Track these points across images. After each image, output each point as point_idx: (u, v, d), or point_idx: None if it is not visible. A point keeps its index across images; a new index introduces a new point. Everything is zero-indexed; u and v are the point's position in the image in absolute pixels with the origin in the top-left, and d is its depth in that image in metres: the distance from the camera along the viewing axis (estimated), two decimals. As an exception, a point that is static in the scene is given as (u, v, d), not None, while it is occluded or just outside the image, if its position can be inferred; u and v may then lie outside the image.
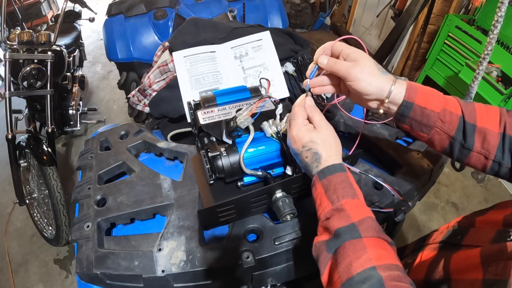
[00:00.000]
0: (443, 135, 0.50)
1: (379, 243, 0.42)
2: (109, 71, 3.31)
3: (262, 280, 0.65)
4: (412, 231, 1.85)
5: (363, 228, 0.42)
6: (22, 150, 1.60)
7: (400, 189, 0.72)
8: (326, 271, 0.42)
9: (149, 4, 1.52)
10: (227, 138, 0.66)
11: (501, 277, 0.35)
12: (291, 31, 1.18)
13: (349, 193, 0.46)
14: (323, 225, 0.46)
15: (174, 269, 0.59)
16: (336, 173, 0.48)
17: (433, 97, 0.50)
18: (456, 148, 0.51)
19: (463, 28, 2.14)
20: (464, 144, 0.50)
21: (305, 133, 0.52)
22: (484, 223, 0.48)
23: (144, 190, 0.72)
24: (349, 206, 0.45)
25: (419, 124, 0.51)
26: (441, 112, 0.49)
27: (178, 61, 0.94)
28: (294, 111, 0.56)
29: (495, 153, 0.48)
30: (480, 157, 0.50)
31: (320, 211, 0.47)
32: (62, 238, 1.63)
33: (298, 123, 0.54)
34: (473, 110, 0.50)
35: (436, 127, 0.50)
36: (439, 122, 0.49)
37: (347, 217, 0.43)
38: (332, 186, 0.47)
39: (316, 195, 0.49)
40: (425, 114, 0.49)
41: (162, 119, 1.00)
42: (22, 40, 1.50)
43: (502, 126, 0.48)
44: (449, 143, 0.51)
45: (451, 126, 0.49)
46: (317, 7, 3.80)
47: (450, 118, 0.49)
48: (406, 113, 0.50)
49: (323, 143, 0.51)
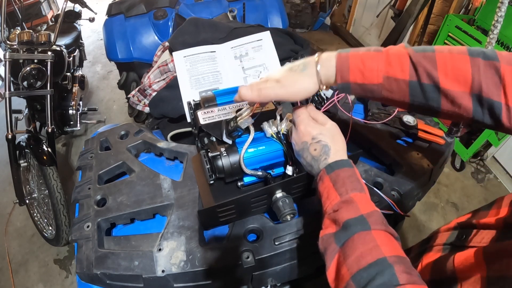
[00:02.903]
0: (399, 102, 0.45)
1: (387, 237, 0.41)
2: (109, 71, 3.31)
3: (262, 280, 0.65)
4: (412, 231, 1.85)
5: (372, 220, 0.42)
6: (22, 150, 1.60)
7: (400, 189, 0.72)
8: (333, 265, 0.42)
9: (149, 4, 1.52)
10: (227, 138, 0.66)
11: (505, 273, 0.35)
12: (291, 31, 1.18)
13: (358, 187, 0.46)
14: (331, 217, 0.45)
15: (174, 269, 0.59)
16: (344, 168, 0.48)
17: (370, 68, 0.44)
18: (419, 110, 0.45)
19: (463, 28, 2.13)
20: (429, 105, 0.43)
21: (314, 126, 0.52)
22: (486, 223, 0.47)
23: (144, 190, 0.72)
24: (358, 198, 0.44)
25: (368, 96, 0.47)
26: (384, 82, 0.43)
27: (178, 61, 0.94)
28: (296, 112, 0.56)
29: (473, 113, 0.41)
30: (454, 114, 0.43)
31: (327, 204, 0.47)
32: (62, 238, 1.63)
33: (304, 118, 0.54)
34: (434, 67, 0.41)
35: (388, 98, 0.45)
36: (386, 92, 0.44)
37: (357, 209, 0.43)
38: (341, 179, 0.47)
39: (323, 188, 0.48)
40: (367, 89, 0.45)
41: (162, 119, 1.00)
42: (22, 40, 1.50)
43: (477, 87, 0.40)
44: (408, 106, 0.45)
45: (402, 94, 0.43)
46: (317, 7, 3.80)
47: (397, 86, 0.43)
48: (348, 91, 0.47)
49: (332, 137, 0.51)
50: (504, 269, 0.36)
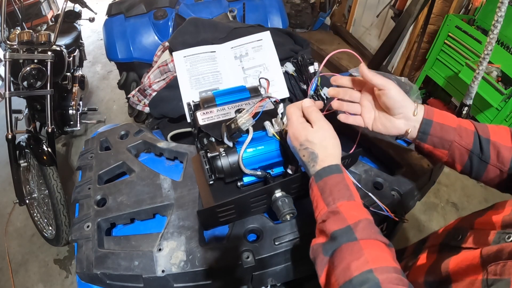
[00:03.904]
0: (462, 149, 0.54)
1: (376, 245, 0.41)
2: (109, 71, 3.31)
3: (262, 280, 0.65)
4: (412, 231, 1.85)
5: (359, 230, 0.42)
6: (22, 150, 1.60)
7: (400, 189, 0.72)
8: (324, 274, 0.42)
9: (149, 4, 1.52)
10: (229, 141, 0.66)
11: (501, 276, 0.35)
12: (291, 31, 1.18)
13: (345, 195, 0.46)
14: (320, 227, 0.46)
15: (174, 269, 0.59)
16: (332, 175, 0.48)
17: (448, 115, 0.55)
18: (474, 162, 0.54)
19: (463, 28, 2.13)
20: (481, 157, 0.53)
21: (302, 131, 0.52)
22: (483, 225, 0.48)
23: (144, 190, 0.72)
24: (344, 208, 0.44)
25: (440, 139, 0.54)
26: (457, 128, 0.53)
27: (178, 61, 0.94)
28: (288, 111, 0.56)
29: (510, 166, 0.51)
30: (496, 170, 0.53)
31: (317, 213, 0.47)
32: (62, 238, 1.64)
33: (293, 121, 0.54)
34: (485, 127, 0.54)
35: (455, 141, 0.53)
36: (457, 137, 0.53)
37: (343, 220, 0.43)
38: (328, 188, 0.47)
39: (313, 197, 0.49)
40: (444, 129, 0.53)
41: (162, 119, 1.00)
42: (22, 40, 1.50)
43: None
44: (468, 157, 0.54)
45: (468, 140, 0.53)
46: (317, 7, 3.80)
47: (466, 133, 0.53)
48: (427, 130, 0.54)
49: (319, 143, 0.51)
50: (500, 272, 0.36)
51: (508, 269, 0.35)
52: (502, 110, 1.99)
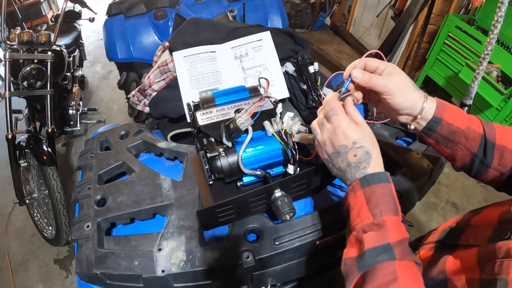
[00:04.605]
0: (465, 151, 0.52)
1: (410, 266, 0.40)
2: (109, 71, 3.31)
3: (262, 280, 0.65)
4: (412, 231, 1.85)
5: (398, 250, 0.40)
6: (22, 150, 1.60)
7: (400, 189, 0.72)
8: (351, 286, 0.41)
9: (149, 4, 1.52)
10: (227, 141, 0.66)
11: (498, 275, 0.35)
12: (291, 31, 1.18)
13: (392, 209, 0.44)
14: (359, 237, 0.43)
15: (174, 269, 0.59)
16: (381, 184, 0.45)
17: (459, 115, 0.52)
18: (476, 164, 0.52)
19: (463, 28, 2.14)
20: (483, 161, 0.51)
21: (356, 129, 0.48)
22: (480, 222, 0.48)
23: (144, 190, 0.72)
24: (390, 223, 0.42)
25: (445, 139, 0.52)
26: (466, 130, 0.51)
27: (178, 61, 0.94)
28: (332, 105, 0.50)
29: (510, 168, 0.50)
30: (496, 173, 0.52)
31: (357, 222, 0.44)
32: (62, 238, 1.64)
33: (344, 117, 0.49)
34: (493, 129, 0.52)
35: (460, 144, 0.52)
36: (463, 139, 0.51)
37: (385, 236, 0.41)
38: (375, 198, 0.44)
39: (355, 203, 0.46)
40: (452, 130, 0.51)
41: (162, 119, 1.00)
42: (22, 40, 1.50)
43: None
44: (470, 159, 0.52)
45: (473, 143, 0.51)
46: (317, 7, 3.81)
47: (473, 135, 0.51)
48: (434, 128, 0.51)
49: (372, 143, 0.48)
50: (497, 271, 0.36)
51: (506, 268, 0.35)
52: (502, 110, 1.99)
